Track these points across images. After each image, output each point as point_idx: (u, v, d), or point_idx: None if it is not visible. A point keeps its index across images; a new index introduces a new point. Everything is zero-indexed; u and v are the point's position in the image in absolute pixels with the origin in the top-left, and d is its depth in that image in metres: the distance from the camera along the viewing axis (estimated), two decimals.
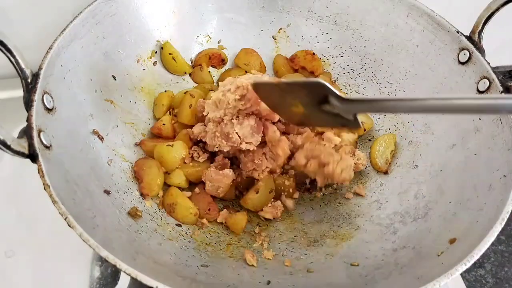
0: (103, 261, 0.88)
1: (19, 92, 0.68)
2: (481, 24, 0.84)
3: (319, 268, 0.76)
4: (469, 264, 0.60)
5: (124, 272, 0.56)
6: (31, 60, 0.68)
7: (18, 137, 0.62)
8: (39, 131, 0.64)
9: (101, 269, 0.88)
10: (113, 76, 0.88)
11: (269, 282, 0.72)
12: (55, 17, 0.96)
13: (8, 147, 0.59)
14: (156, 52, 0.98)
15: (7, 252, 0.87)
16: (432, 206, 0.79)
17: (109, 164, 0.80)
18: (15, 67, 0.67)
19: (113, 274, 0.87)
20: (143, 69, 0.96)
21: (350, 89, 1.05)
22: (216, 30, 1.06)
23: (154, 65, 0.98)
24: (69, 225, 0.57)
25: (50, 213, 0.60)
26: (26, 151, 0.61)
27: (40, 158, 0.61)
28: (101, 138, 0.80)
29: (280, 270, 0.76)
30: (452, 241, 0.68)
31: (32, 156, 0.61)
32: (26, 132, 0.63)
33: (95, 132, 0.80)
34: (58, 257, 0.88)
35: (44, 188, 0.59)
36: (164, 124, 0.90)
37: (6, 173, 0.97)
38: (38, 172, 0.60)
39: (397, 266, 0.70)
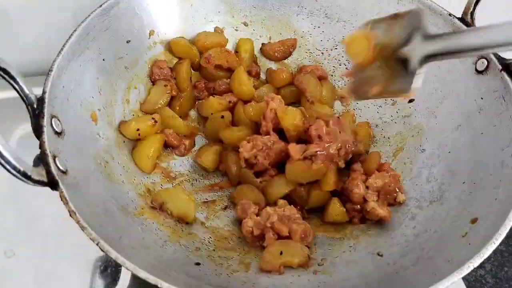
0: (103, 261, 0.88)
1: None
2: (473, 4, 0.85)
3: (345, 261, 0.76)
4: (497, 242, 0.61)
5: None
6: (31, 60, 0.67)
7: (33, 165, 0.61)
8: (54, 157, 0.63)
9: (101, 269, 0.87)
10: (113, 91, 0.87)
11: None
12: (56, 17, 0.95)
13: (29, 177, 0.57)
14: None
15: (7, 252, 0.86)
16: (446, 188, 0.80)
17: (123, 182, 0.79)
18: (19, 94, 0.65)
19: (114, 274, 0.86)
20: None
21: (348, 80, 1.05)
22: None
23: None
24: (102, 250, 0.56)
25: (50, 213, 0.60)
26: (45, 179, 0.60)
27: (61, 185, 0.60)
28: (112, 157, 0.79)
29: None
30: (473, 221, 0.69)
31: (52, 183, 0.60)
32: (41, 159, 0.61)
33: (105, 151, 0.78)
34: (58, 257, 0.87)
35: (70, 215, 0.58)
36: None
37: (6, 173, 0.95)
38: (61, 200, 0.59)
39: (423, 251, 0.71)
